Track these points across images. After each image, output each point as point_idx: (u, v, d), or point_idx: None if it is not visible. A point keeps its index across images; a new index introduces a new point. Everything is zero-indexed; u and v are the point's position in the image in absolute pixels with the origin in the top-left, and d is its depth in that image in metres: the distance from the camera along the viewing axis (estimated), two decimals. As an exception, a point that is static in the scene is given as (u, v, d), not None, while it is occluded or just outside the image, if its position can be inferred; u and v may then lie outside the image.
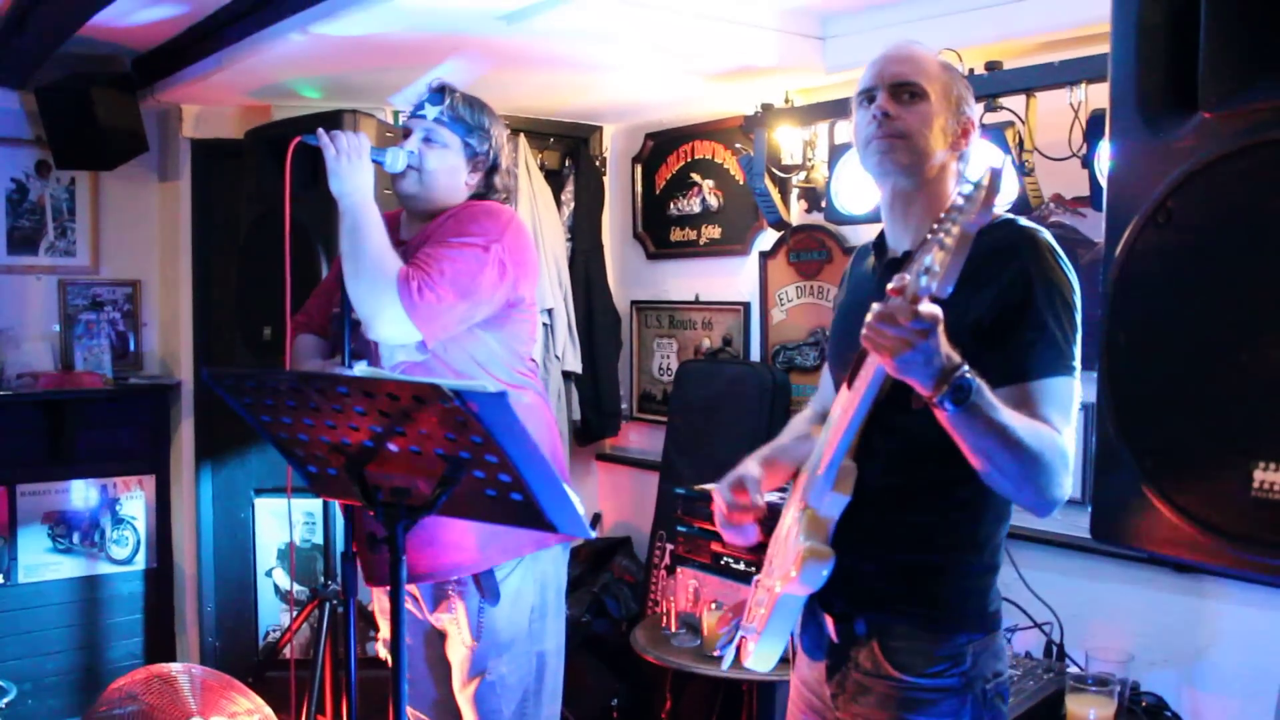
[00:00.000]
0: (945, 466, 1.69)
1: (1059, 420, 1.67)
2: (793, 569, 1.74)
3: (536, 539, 2.53)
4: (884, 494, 1.79)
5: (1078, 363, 1.73)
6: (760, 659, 1.89)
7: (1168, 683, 3.01)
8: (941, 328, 1.46)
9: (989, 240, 1.60)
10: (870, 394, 1.64)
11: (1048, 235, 1.78)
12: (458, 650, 2.55)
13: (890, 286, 1.46)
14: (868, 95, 1.86)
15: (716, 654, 1.94)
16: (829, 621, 1.88)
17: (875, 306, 1.47)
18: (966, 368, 1.51)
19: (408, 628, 2.61)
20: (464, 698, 2.57)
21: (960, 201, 1.42)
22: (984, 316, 1.69)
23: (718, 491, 1.97)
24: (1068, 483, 1.64)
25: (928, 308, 1.43)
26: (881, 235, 1.96)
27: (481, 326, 2.47)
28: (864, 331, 1.49)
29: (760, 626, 1.86)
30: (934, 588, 1.81)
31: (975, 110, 1.91)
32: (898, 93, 1.82)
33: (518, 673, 2.54)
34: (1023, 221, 1.81)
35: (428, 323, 2.35)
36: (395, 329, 2.35)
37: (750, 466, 2.00)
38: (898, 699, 1.79)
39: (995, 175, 1.41)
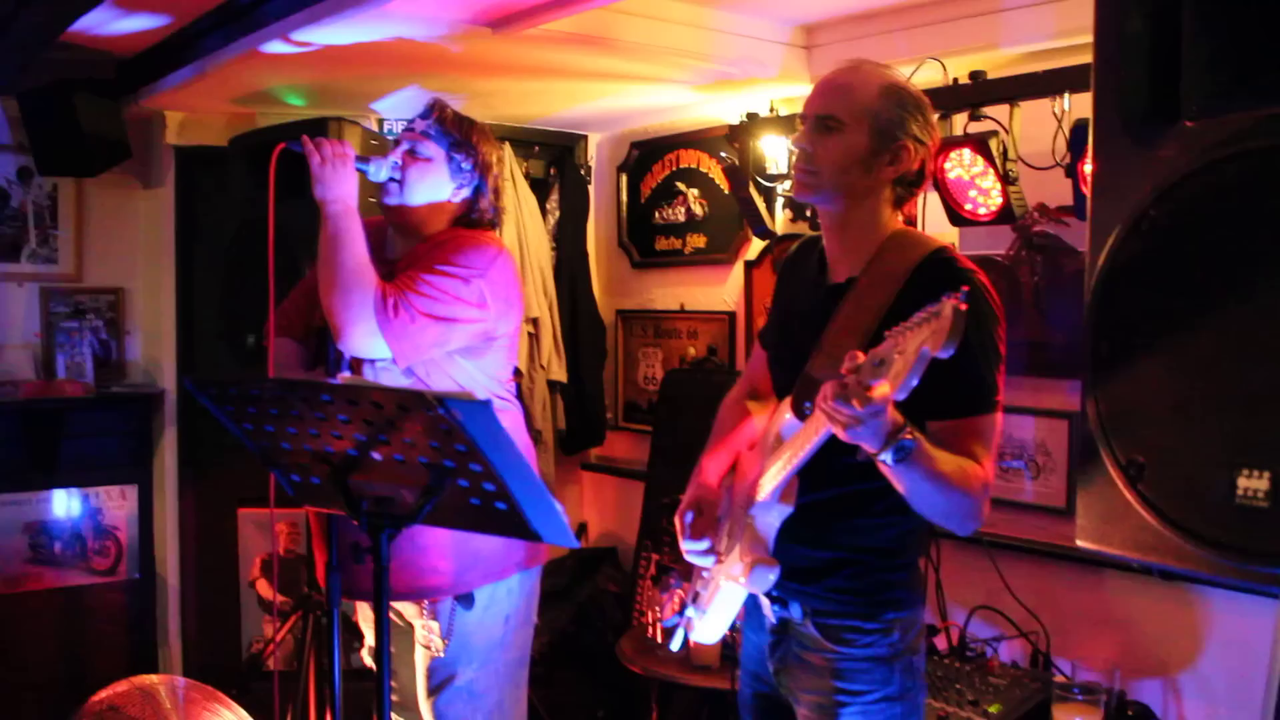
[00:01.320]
0: (873, 481, 1.81)
1: (981, 453, 1.82)
2: (741, 576, 1.94)
3: (516, 563, 2.52)
4: (818, 500, 1.94)
5: (1000, 396, 1.87)
6: (705, 634, 2.16)
7: (1154, 692, 3.01)
8: (891, 405, 1.57)
9: (927, 278, 1.80)
10: (821, 438, 1.76)
11: (980, 276, 1.88)
12: (422, 654, 2.53)
13: (844, 366, 1.56)
14: (802, 121, 1.99)
15: (666, 624, 2.25)
16: (766, 604, 2.07)
17: (828, 386, 1.57)
18: (908, 429, 1.64)
19: (393, 637, 2.61)
20: (428, 705, 2.54)
21: (921, 317, 1.48)
22: None
23: (680, 516, 2.14)
24: (987, 508, 1.81)
25: (880, 391, 1.51)
26: (824, 252, 2.07)
27: (460, 354, 2.46)
28: (819, 403, 1.61)
29: (706, 607, 2.12)
30: (862, 578, 1.98)
31: (927, 129, 1.96)
32: (819, 124, 1.94)
33: (486, 680, 2.53)
34: (959, 264, 1.90)
35: (398, 341, 2.34)
36: (366, 342, 2.34)
37: (709, 476, 2.19)
38: (833, 669, 1.98)
39: (958, 316, 1.45)
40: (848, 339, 1.84)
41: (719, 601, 2.09)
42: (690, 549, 2.11)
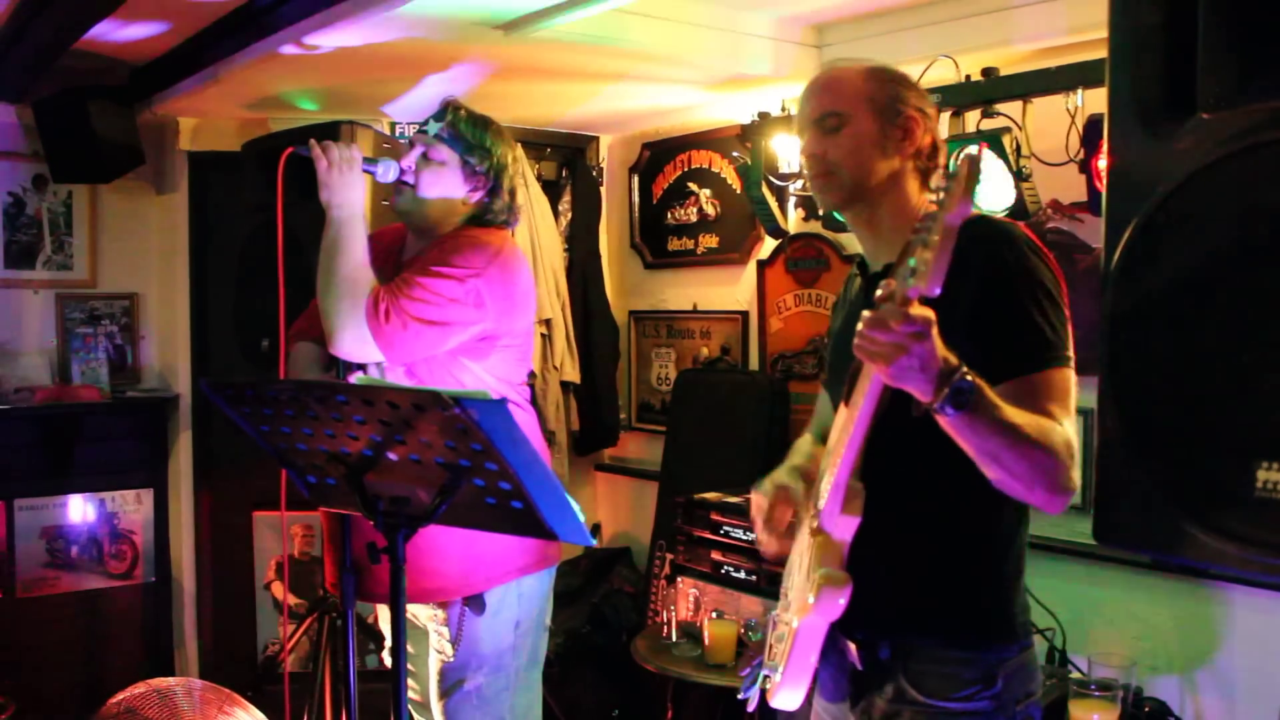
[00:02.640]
0: (954, 477, 1.65)
1: (1059, 411, 1.63)
2: (809, 597, 1.64)
3: (522, 566, 2.52)
4: (895, 511, 1.73)
5: (1070, 352, 1.70)
6: (786, 698, 1.76)
7: (1171, 688, 3.00)
8: (935, 329, 1.42)
9: (967, 234, 1.53)
10: (869, 409, 1.57)
11: (1024, 230, 1.78)
12: (434, 658, 2.54)
13: (878, 294, 1.43)
14: (801, 135, 1.92)
15: (741, 697, 1.87)
16: (851, 649, 1.80)
17: (865, 314, 1.43)
18: (964, 369, 1.47)
19: (413, 638, 2.61)
20: (439, 708, 2.54)
21: (939, 197, 1.39)
22: (970, 310, 1.65)
23: (760, 495, 1.92)
24: (1077, 474, 1.61)
25: (918, 309, 1.39)
26: (862, 255, 1.97)
27: (466, 356, 2.45)
28: (856, 340, 1.45)
29: (783, 663, 1.72)
30: (956, 601, 1.77)
31: (924, 100, 1.90)
32: (822, 125, 1.86)
33: (496, 685, 2.52)
34: (1000, 218, 1.82)
35: (390, 346, 2.34)
36: (357, 347, 2.34)
37: (786, 479, 1.91)
38: None
39: (972, 161, 1.38)
40: None
41: (797, 650, 1.70)
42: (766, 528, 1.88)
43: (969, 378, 1.47)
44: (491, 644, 2.50)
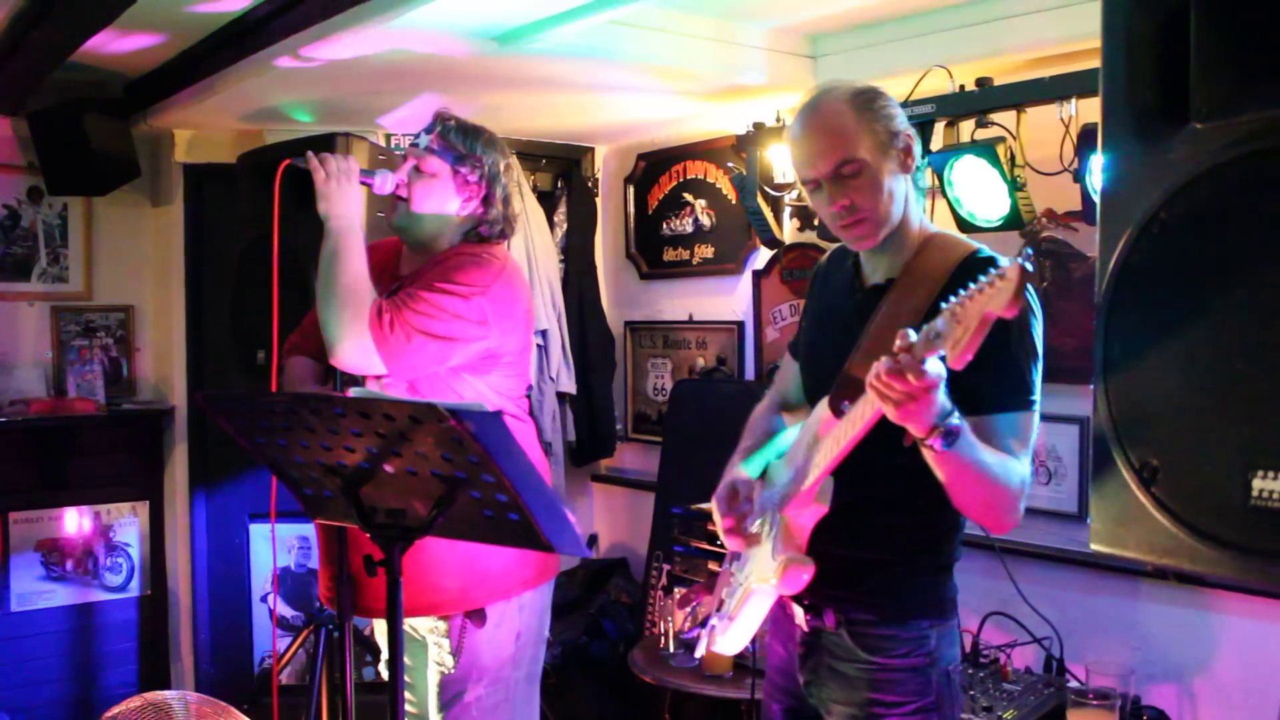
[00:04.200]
0: (910, 480, 1.82)
1: (1020, 450, 1.82)
2: (773, 576, 1.87)
3: (524, 580, 2.52)
4: (853, 501, 1.90)
5: (1037, 395, 1.87)
6: (729, 644, 2.07)
7: (1169, 697, 3.00)
8: (943, 383, 1.56)
9: (969, 276, 1.70)
10: (864, 430, 1.73)
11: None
12: (434, 670, 2.53)
13: (898, 344, 1.54)
14: (814, 184, 1.96)
15: (685, 637, 2.15)
16: (799, 613, 2.02)
17: (883, 362, 1.56)
18: (956, 414, 1.63)
19: (411, 650, 2.61)
20: None
21: (983, 282, 1.46)
22: None
23: (714, 509, 2.10)
24: (1022, 508, 1.82)
25: (935, 367, 1.52)
26: (857, 257, 2.06)
27: (468, 372, 2.46)
28: (872, 381, 1.59)
29: (734, 614, 2.02)
30: (897, 583, 1.96)
31: (901, 115, 1.96)
32: (839, 177, 1.91)
33: (495, 697, 2.52)
34: (1002, 261, 1.85)
35: (392, 357, 2.34)
36: (359, 357, 2.34)
37: (738, 471, 2.13)
38: (868, 680, 1.94)
39: (1023, 273, 1.43)
40: (889, 337, 1.80)
41: (747, 609, 2.01)
42: (724, 527, 2.05)
43: (959, 421, 1.64)
44: (492, 656, 2.50)
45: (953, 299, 1.50)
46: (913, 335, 1.53)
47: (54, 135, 4.13)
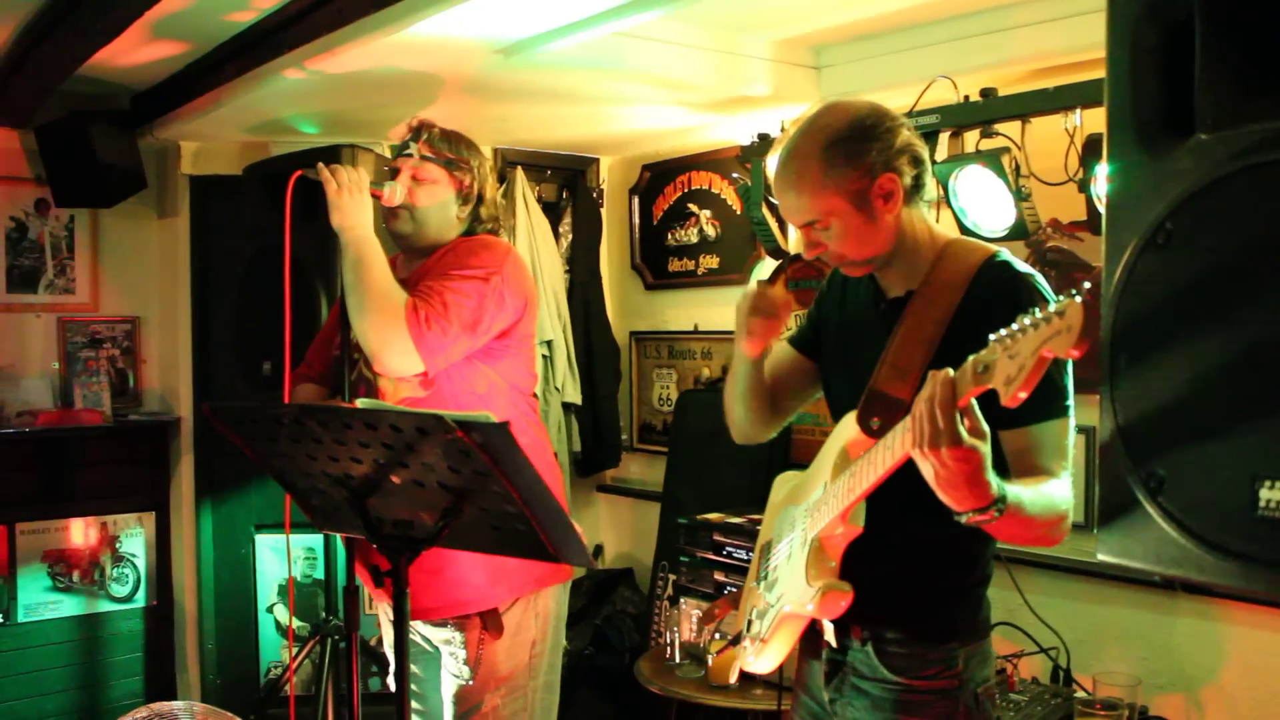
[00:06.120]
0: (941, 505, 1.71)
1: (1058, 463, 1.78)
2: (810, 602, 1.80)
3: (540, 576, 2.52)
4: (884, 518, 1.84)
5: (1071, 400, 1.82)
6: (764, 665, 1.99)
7: (1176, 707, 2.99)
8: (988, 463, 1.52)
9: (987, 283, 1.75)
10: (897, 463, 1.66)
11: (1040, 278, 1.86)
12: (450, 681, 2.53)
13: (939, 382, 1.50)
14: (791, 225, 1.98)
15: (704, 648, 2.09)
16: (828, 628, 1.97)
17: (923, 415, 1.50)
18: (1001, 500, 1.56)
19: (422, 662, 2.61)
20: None
21: (1037, 318, 1.40)
22: None
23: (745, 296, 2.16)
24: (1068, 525, 1.76)
25: (972, 442, 1.48)
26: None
27: (480, 359, 2.47)
28: (920, 449, 1.52)
29: (767, 638, 1.94)
30: (928, 601, 1.92)
31: (890, 134, 1.87)
32: (811, 228, 1.91)
33: (513, 706, 2.52)
34: (1018, 265, 1.87)
35: (432, 354, 2.36)
36: (403, 360, 2.36)
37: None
38: (893, 701, 1.89)
39: (1086, 314, 1.37)
40: (913, 350, 1.81)
41: (782, 632, 1.93)
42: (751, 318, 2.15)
43: (1002, 505, 1.56)
44: (509, 665, 2.50)
45: (1003, 331, 1.44)
46: (948, 374, 1.48)
47: (61, 147, 4.15)
